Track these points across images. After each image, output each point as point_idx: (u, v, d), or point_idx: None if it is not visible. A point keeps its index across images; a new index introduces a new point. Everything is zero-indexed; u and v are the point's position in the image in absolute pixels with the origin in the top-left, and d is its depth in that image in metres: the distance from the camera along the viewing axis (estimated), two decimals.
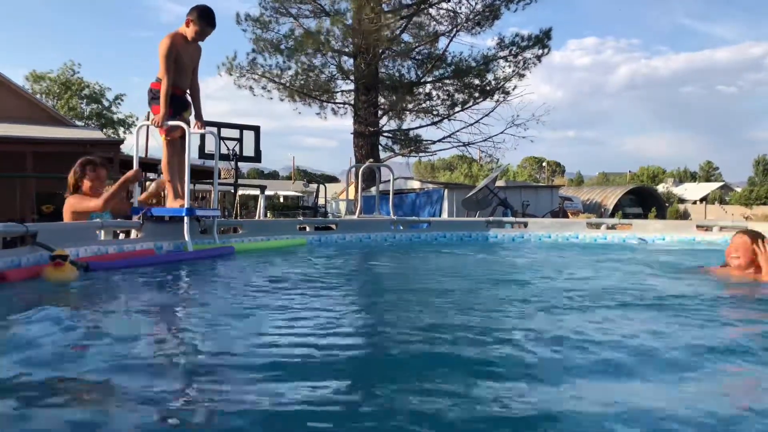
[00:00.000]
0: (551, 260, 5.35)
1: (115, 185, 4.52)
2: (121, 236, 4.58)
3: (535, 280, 3.75)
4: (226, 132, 9.80)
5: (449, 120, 18.46)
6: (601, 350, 1.91)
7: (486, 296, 3.27)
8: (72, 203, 4.41)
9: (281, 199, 33.91)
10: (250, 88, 17.74)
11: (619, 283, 3.70)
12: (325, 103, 18.41)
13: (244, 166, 20.90)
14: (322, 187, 17.20)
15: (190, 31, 4.61)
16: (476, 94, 18.12)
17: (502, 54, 17.75)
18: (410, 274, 4.54)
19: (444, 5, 17.80)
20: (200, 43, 4.81)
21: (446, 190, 20.90)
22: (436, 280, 4.06)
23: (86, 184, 4.47)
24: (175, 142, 4.77)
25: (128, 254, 4.18)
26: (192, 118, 4.90)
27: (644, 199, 37.68)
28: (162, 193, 5.23)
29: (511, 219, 8.43)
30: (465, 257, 5.84)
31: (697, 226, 7.38)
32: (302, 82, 17.95)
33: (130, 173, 4.61)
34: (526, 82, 17.96)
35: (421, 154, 20.36)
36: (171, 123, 4.61)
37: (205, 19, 4.58)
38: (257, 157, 10.55)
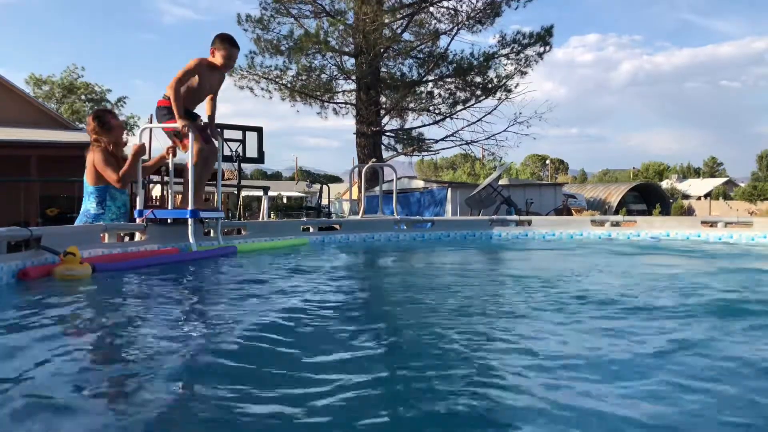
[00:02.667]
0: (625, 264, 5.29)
1: (128, 162, 4.51)
2: (126, 239, 4.60)
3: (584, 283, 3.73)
4: (229, 133, 9.82)
5: (451, 118, 18.45)
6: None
7: (497, 298, 3.26)
8: (97, 159, 4.43)
9: (285, 200, 33.94)
10: (251, 88, 17.78)
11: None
12: (326, 103, 18.41)
13: (248, 167, 20.93)
14: (325, 187, 17.20)
15: (218, 58, 4.70)
16: (478, 92, 18.10)
17: (503, 52, 17.72)
18: (415, 275, 4.53)
19: (445, 3, 17.80)
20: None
21: (450, 189, 20.89)
22: (441, 281, 4.05)
23: (109, 137, 4.49)
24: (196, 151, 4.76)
25: (134, 255, 4.19)
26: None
27: (648, 196, 37.56)
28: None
29: (515, 217, 8.41)
30: (469, 257, 5.83)
31: (702, 222, 7.37)
32: (303, 82, 17.96)
33: (136, 146, 4.61)
34: (528, 79, 17.98)
35: (423, 153, 20.34)
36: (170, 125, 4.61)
37: (228, 41, 4.73)
38: (260, 158, 10.57)
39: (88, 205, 4.50)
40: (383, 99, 18.37)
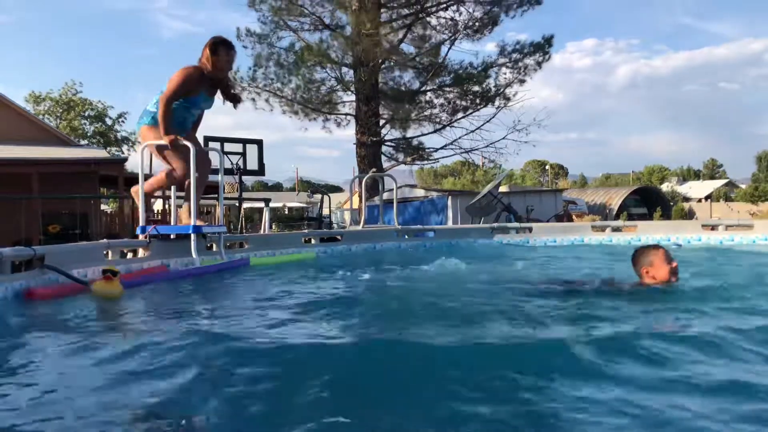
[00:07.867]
0: None
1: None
2: (129, 255, 4.61)
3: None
4: (229, 146, 9.87)
5: (451, 127, 18.49)
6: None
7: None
8: (184, 69, 4.60)
9: (286, 211, 33.94)
10: (253, 100, 17.83)
11: None
12: (327, 116, 18.46)
13: (249, 180, 20.97)
14: (326, 197, 17.20)
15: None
16: (477, 101, 18.14)
17: (502, 61, 17.77)
18: (423, 287, 4.53)
19: (442, 14, 17.88)
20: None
21: (450, 198, 20.90)
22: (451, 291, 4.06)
23: (213, 60, 4.65)
24: None
25: (148, 270, 4.27)
26: None
27: (649, 199, 37.50)
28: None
29: (516, 224, 8.42)
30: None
31: (703, 226, 7.37)
32: (304, 95, 18.01)
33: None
34: (526, 86, 17.97)
35: (424, 162, 20.36)
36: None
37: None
38: (261, 171, 10.62)
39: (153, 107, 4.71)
40: (383, 110, 18.40)
